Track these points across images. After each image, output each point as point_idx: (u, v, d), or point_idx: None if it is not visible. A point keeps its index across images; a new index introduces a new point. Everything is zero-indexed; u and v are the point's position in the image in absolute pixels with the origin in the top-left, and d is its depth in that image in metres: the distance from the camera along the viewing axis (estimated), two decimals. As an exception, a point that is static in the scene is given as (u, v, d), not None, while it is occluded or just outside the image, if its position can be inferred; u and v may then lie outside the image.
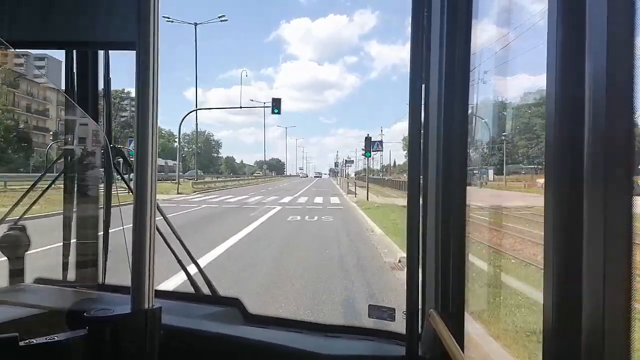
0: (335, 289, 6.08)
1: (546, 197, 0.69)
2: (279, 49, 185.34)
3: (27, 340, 0.95)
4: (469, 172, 1.09)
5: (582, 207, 0.61)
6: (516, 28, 2.66)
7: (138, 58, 0.98)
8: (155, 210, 1.01)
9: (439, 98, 1.20)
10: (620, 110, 0.56)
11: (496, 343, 3.50)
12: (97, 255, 1.82)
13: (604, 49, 0.57)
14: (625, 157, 0.56)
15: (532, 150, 29.77)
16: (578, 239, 0.62)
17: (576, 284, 0.62)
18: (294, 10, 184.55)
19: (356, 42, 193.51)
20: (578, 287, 0.62)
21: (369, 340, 1.34)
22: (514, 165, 30.85)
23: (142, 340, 0.99)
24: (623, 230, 0.56)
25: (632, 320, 0.57)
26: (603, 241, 0.58)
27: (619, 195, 0.57)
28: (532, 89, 32.90)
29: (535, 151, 28.81)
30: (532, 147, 29.54)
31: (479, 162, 13.51)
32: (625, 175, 0.56)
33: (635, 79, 0.56)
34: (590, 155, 0.60)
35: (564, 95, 0.66)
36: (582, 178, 0.61)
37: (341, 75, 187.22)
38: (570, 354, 0.63)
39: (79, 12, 1.50)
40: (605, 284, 0.58)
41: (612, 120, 0.57)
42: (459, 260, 1.18)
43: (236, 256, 8.34)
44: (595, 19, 0.60)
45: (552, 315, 0.67)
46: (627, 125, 0.56)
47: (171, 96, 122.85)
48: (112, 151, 1.74)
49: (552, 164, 0.67)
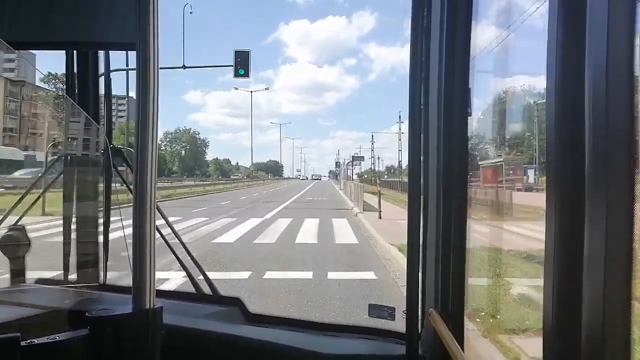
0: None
1: (547, 196, 0.70)
2: (278, 51, 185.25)
3: (29, 340, 0.95)
4: (506, 171, 0.99)
5: (584, 206, 0.61)
6: (516, 28, 2.66)
7: (138, 58, 0.98)
8: (155, 210, 1.01)
9: (439, 98, 1.20)
10: (620, 110, 0.57)
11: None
12: (97, 255, 1.82)
13: (604, 49, 0.58)
14: (626, 156, 0.56)
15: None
16: (579, 238, 0.62)
17: (577, 283, 0.62)
18: (292, 13, 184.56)
19: (355, 44, 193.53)
20: (579, 286, 0.62)
21: (369, 340, 1.34)
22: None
23: (143, 340, 0.99)
24: (624, 230, 0.57)
25: (633, 320, 0.57)
26: (604, 240, 0.58)
27: (620, 194, 0.57)
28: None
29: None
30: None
31: (523, 160, 11.64)
32: (626, 174, 0.57)
33: (635, 78, 0.56)
34: (591, 155, 0.60)
35: (564, 94, 0.66)
36: (584, 177, 0.62)
37: (340, 77, 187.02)
38: (571, 353, 0.64)
39: (79, 13, 1.50)
40: (605, 283, 0.58)
41: (613, 119, 0.57)
42: (459, 260, 1.18)
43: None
44: (596, 19, 0.60)
45: (553, 314, 0.68)
46: (628, 125, 0.56)
47: (170, 97, 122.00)
48: (112, 151, 1.74)
49: (553, 163, 0.68)
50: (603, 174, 0.59)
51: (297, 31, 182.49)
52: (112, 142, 1.76)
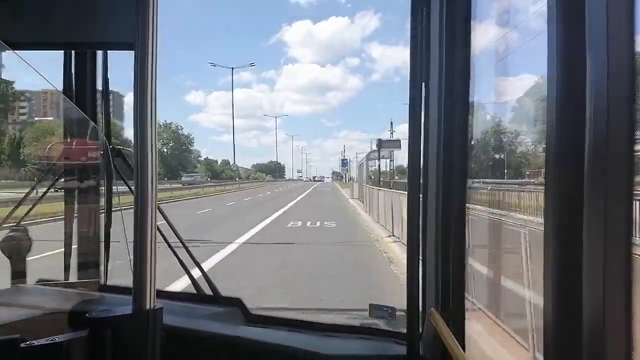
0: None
1: (547, 196, 0.69)
2: (280, 52, 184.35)
3: (29, 342, 0.95)
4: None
5: (583, 207, 0.61)
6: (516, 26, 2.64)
7: (136, 58, 0.98)
8: (156, 210, 1.01)
9: (439, 96, 1.20)
10: (621, 110, 0.56)
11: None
12: (98, 256, 1.82)
13: (604, 48, 0.57)
14: (625, 157, 0.56)
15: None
16: (578, 238, 0.62)
17: (576, 283, 0.62)
18: (295, 13, 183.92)
19: (358, 44, 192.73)
20: (578, 286, 0.62)
21: (369, 340, 1.34)
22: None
23: (143, 341, 0.99)
24: (623, 230, 0.56)
25: (632, 319, 0.57)
26: (603, 241, 0.58)
27: (619, 194, 0.57)
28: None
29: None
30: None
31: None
32: (625, 174, 0.56)
33: (635, 78, 0.55)
34: (591, 155, 0.60)
35: (564, 94, 0.66)
36: (583, 177, 0.61)
37: (343, 77, 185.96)
38: (572, 352, 0.64)
39: (77, 13, 1.50)
40: (605, 283, 0.58)
41: (613, 120, 0.57)
42: (459, 260, 1.18)
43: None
44: (595, 18, 0.60)
45: (553, 313, 0.67)
46: (628, 125, 0.56)
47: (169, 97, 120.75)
48: (112, 152, 1.73)
49: (553, 163, 0.67)
50: (603, 173, 0.58)
51: (300, 32, 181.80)
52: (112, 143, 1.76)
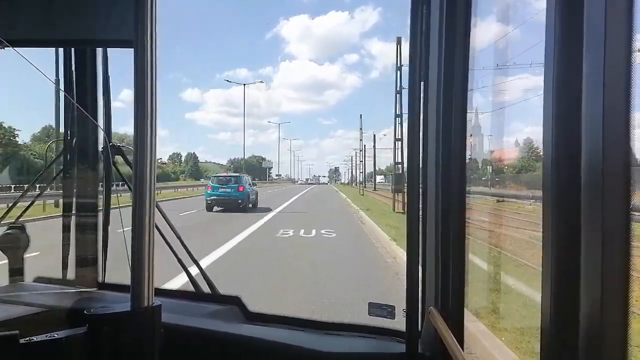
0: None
1: (544, 198, 0.69)
2: (278, 47, 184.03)
3: (28, 338, 0.95)
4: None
5: (580, 208, 0.61)
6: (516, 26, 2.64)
7: (136, 56, 0.98)
8: (154, 208, 1.01)
9: (438, 94, 1.20)
10: (617, 111, 0.56)
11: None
12: (96, 254, 1.82)
13: (602, 48, 0.57)
14: (623, 158, 0.56)
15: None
16: (576, 240, 0.62)
17: (574, 284, 0.62)
18: (293, 8, 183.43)
19: (357, 40, 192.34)
20: (576, 287, 0.62)
21: (369, 338, 1.34)
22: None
23: (141, 338, 0.99)
24: (620, 232, 0.56)
25: (629, 320, 0.57)
26: (601, 242, 0.58)
27: (616, 196, 0.57)
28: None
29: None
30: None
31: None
32: (622, 176, 0.56)
33: (632, 78, 0.55)
34: (587, 158, 0.60)
35: (561, 94, 0.66)
36: (580, 179, 0.61)
37: (341, 74, 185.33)
38: (568, 352, 0.64)
39: (77, 11, 1.49)
40: (602, 284, 0.58)
41: (610, 121, 0.57)
42: (459, 258, 1.18)
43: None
44: (594, 18, 0.60)
45: (550, 313, 0.67)
46: (624, 126, 0.56)
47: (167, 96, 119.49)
48: (112, 150, 1.73)
49: (550, 164, 0.67)
50: (600, 174, 0.58)
51: (298, 27, 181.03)
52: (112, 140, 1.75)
